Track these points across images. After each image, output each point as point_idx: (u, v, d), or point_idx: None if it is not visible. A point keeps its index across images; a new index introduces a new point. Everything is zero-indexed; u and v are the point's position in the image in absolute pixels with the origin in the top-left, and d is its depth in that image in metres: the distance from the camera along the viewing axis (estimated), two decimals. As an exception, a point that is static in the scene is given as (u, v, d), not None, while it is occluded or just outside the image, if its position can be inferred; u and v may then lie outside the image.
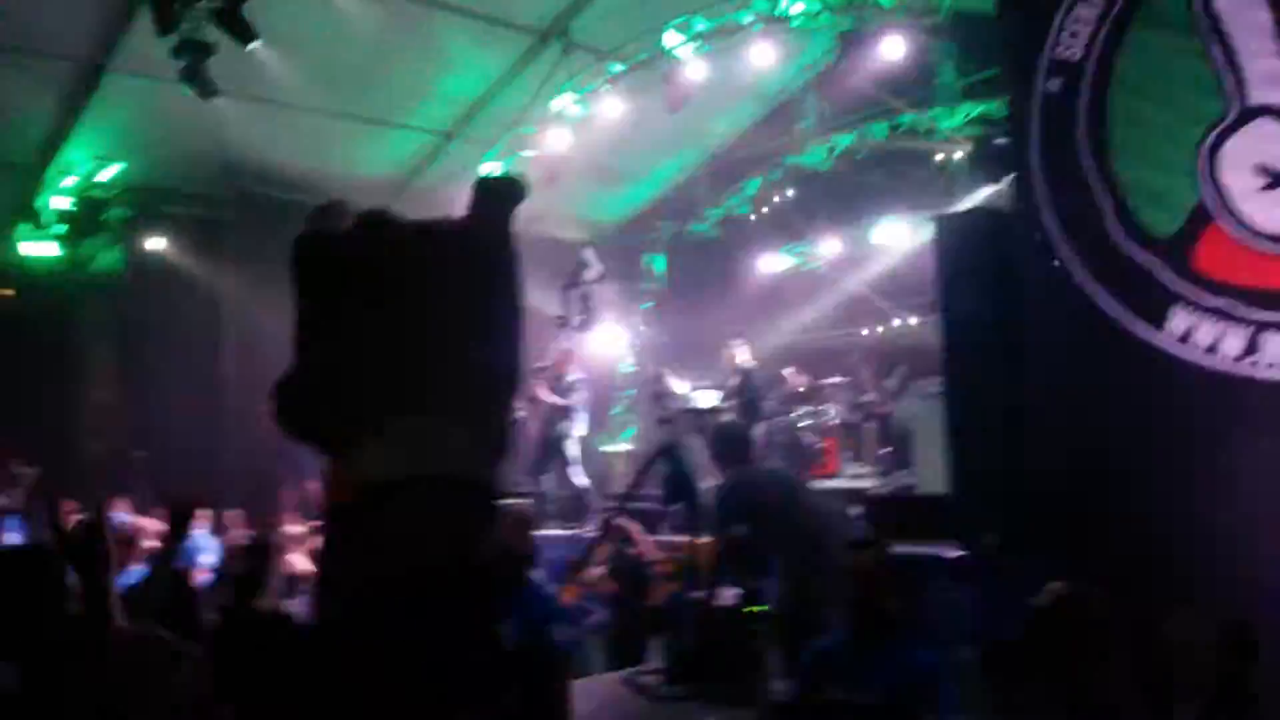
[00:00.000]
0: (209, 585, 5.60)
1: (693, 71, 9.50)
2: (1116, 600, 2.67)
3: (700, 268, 13.00)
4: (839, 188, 11.29)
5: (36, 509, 7.49)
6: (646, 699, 3.44)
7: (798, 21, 9.14)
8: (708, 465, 4.88)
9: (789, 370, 10.51)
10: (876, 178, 10.85)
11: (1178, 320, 4.11)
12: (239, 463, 9.85)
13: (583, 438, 9.35)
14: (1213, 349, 4.02)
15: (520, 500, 7.18)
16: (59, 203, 10.15)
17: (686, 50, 9.53)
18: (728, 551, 3.72)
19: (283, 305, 1.32)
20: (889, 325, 11.71)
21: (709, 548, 3.91)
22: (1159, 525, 4.05)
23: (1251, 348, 3.93)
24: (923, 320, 10.14)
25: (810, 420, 9.92)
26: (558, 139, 10.39)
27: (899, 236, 10.83)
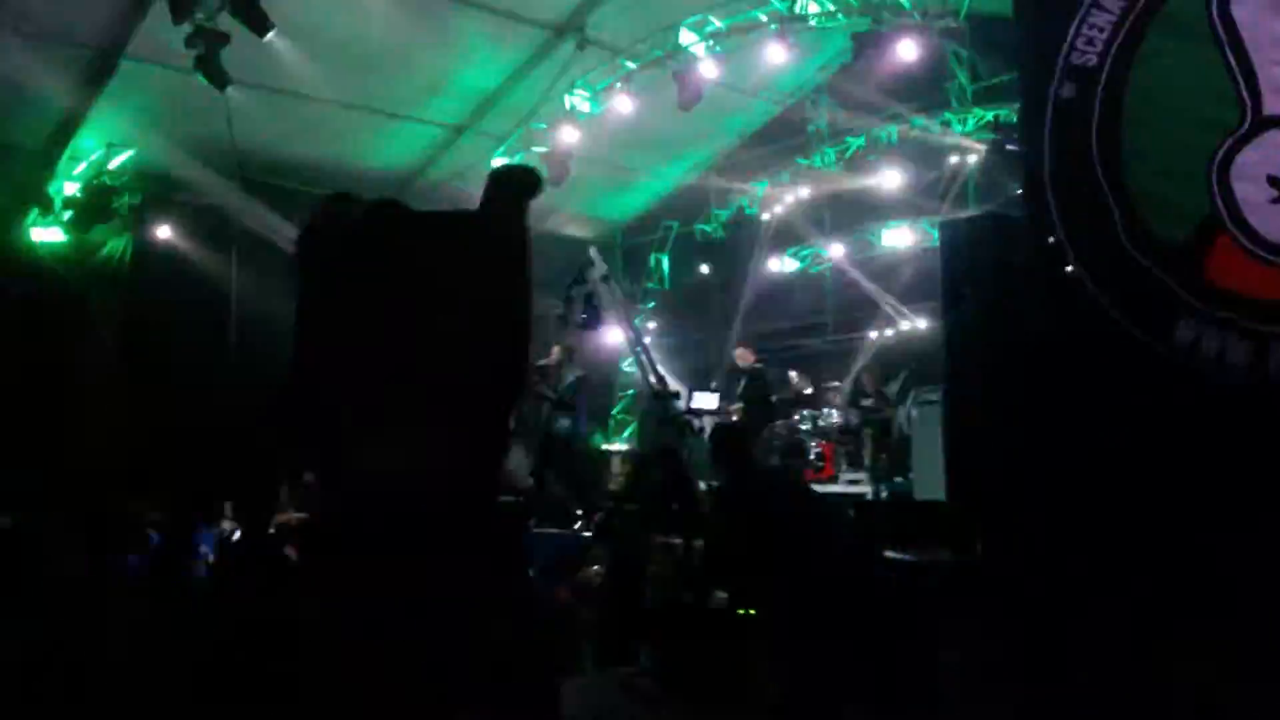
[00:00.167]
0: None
1: (706, 70, 9.49)
2: (1117, 603, 2.66)
3: (706, 269, 12.99)
4: (848, 191, 11.26)
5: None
6: (638, 699, 3.44)
7: (815, 20, 9.11)
8: (708, 466, 4.88)
9: (793, 373, 10.50)
10: (886, 181, 10.82)
11: (1185, 330, 4.09)
12: (242, 451, 9.83)
13: (582, 437, 9.34)
14: (1220, 359, 4.01)
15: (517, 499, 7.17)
16: (69, 189, 10.16)
17: (700, 49, 9.52)
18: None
19: (289, 294, 1.33)
20: (894, 330, 11.67)
21: (704, 550, 3.92)
22: (1162, 534, 4.03)
23: (1258, 359, 3.91)
24: (928, 326, 10.11)
25: (809, 424, 9.91)
26: (568, 135, 10.38)
27: (906, 240, 10.81)
